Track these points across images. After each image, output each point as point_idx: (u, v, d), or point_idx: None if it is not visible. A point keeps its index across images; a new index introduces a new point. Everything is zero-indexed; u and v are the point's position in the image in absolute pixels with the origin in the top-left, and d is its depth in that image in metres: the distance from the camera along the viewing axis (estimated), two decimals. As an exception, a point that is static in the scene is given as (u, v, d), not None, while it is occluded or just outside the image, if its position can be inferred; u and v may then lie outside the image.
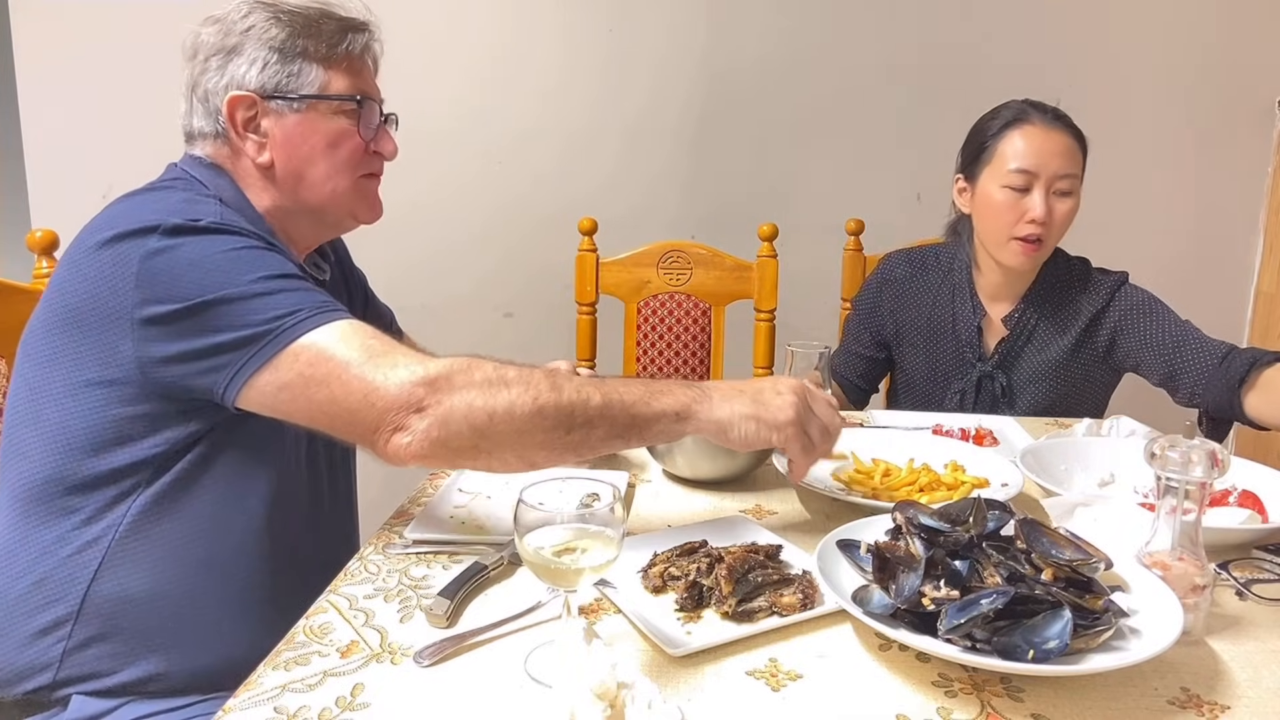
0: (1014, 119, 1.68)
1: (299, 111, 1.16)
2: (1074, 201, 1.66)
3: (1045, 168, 1.63)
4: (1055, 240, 1.69)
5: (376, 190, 1.27)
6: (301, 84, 1.16)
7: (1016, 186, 1.64)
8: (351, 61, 1.20)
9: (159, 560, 1.06)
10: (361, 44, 1.21)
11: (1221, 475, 0.92)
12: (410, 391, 0.93)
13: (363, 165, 1.22)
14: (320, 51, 1.16)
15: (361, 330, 0.99)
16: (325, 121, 1.18)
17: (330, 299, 1.02)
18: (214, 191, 1.13)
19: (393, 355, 0.96)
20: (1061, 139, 1.65)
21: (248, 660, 0.86)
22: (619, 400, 1.00)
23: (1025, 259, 1.67)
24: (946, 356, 1.82)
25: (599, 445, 1.01)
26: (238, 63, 1.14)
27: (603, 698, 0.71)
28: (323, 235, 1.29)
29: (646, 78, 2.69)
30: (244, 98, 1.14)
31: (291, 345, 0.96)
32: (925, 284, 1.85)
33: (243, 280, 0.98)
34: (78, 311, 1.02)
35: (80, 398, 1.03)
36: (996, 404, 1.77)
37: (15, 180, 2.73)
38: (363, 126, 1.20)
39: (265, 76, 1.14)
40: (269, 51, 1.14)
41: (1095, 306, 1.72)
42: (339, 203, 1.22)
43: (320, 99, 1.17)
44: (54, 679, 1.05)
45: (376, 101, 1.24)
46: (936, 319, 1.83)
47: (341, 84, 1.18)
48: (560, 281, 2.40)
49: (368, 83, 1.23)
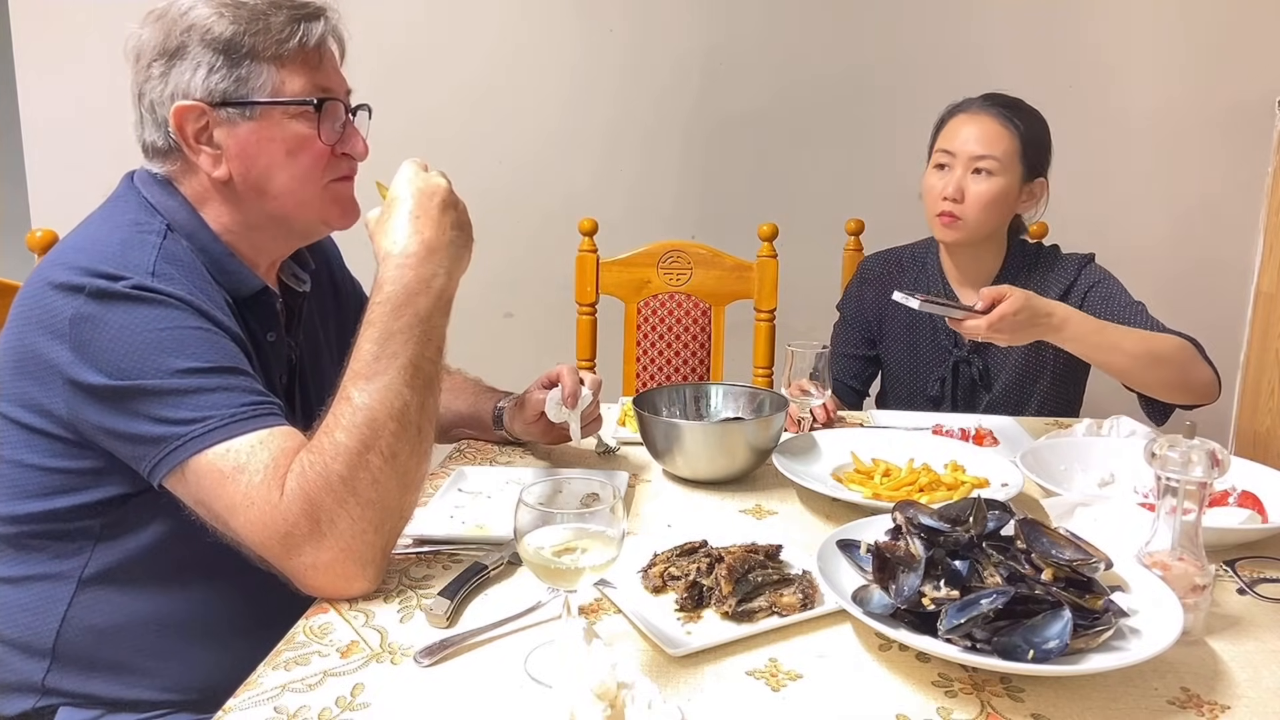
0: (952, 110, 1.79)
1: (252, 119, 1.06)
2: (996, 182, 1.70)
3: (962, 149, 1.72)
4: (977, 219, 1.72)
5: (350, 193, 1.17)
6: (252, 89, 1.05)
7: (939, 166, 1.76)
8: (307, 56, 1.08)
9: (127, 596, 1.05)
10: (317, 35, 1.08)
11: (1221, 475, 0.92)
12: (294, 523, 0.92)
13: (330, 170, 1.12)
14: (270, 50, 1.05)
15: (269, 444, 0.95)
16: (282, 128, 1.07)
17: (250, 399, 0.98)
18: (164, 214, 1.07)
19: (279, 477, 0.94)
20: (986, 123, 1.71)
21: (233, 678, 0.85)
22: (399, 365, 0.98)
23: (944, 232, 1.75)
24: (925, 346, 1.87)
25: (431, 411, 1.01)
26: (181, 68, 1.04)
27: (603, 698, 0.71)
28: (294, 244, 1.21)
29: (647, 78, 2.69)
30: (192, 108, 1.04)
31: (192, 460, 0.94)
32: (902, 280, 1.89)
33: (164, 369, 0.95)
34: (21, 356, 1.00)
35: (32, 444, 1.02)
36: (975, 388, 1.82)
37: (15, 180, 2.73)
38: (324, 130, 1.09)
39: (212, 82, 1.04)
40: (214, 54, 1.04)
41: (1062, 285, 1.76)
42: (307, 212, 1.13)
43: (274, 104, 1.07)
44: (35, 705, 1.05)
45: (339, 98, 1.12)
46: (915, 312, 1.84)
47: (297, 85, 1.07)
48: (560, 282, 2.40)
49: (328, 77, 1.11)
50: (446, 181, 1.09)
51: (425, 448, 1.01)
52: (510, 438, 1.46)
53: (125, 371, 0.95)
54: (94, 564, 1.04)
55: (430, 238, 1.04)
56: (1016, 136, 1.71)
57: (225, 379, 0.98)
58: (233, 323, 1.06)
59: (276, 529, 0.93)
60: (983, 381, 1.80)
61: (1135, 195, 2.69)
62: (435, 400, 1.03)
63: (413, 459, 0.98)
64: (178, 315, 0.99)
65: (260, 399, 0.99)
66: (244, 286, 1.12)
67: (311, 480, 0.93)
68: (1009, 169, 1.70)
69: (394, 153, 1.23)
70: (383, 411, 0.96)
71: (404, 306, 1.00)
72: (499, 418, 1.44)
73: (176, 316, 0.98)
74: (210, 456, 0.94)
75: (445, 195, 1.07)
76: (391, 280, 1.02)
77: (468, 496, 1.26)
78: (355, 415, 0.96)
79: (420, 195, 1.06)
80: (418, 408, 0.99)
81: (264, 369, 1.15)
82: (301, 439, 0.98)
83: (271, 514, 0.92)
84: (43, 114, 2.69)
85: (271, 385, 1.15)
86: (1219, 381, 1.60)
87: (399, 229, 1.04)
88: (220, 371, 0.98)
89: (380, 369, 0.98)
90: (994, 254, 1.81)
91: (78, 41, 2.61)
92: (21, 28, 2.65)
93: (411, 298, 1.01)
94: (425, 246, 1.03)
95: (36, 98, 2.68)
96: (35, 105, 2.68)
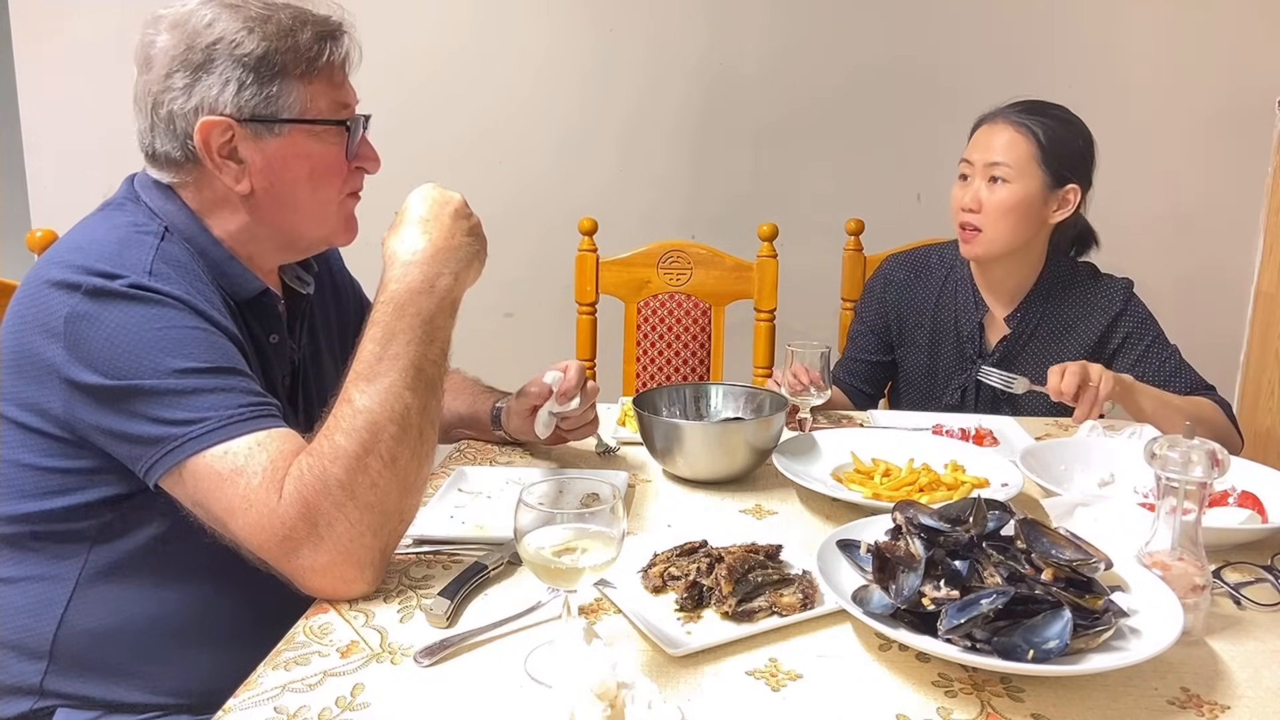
0: (978, 121, 1.77)
1: (279, 136, 1.07)
2: (1011, 189, 1.67)
3: (979, 159, 1.71)
4: (996, 229, 1.69)
5: (354, 210, 1.19)
6: (281, 106, 1.06)
7: (962, 177, 1.74)
8: (332, 74, 1.10)
9: (124, 597, 1.05)
10: (342, 53, 1.11)
11: (1221, 475, 0.92)
12: (292, 526, 0.92)
13: (346, 185, 1.15)
14: (299, 69, 1.06)
15: (267, 446, 0.95)
16: (308, 145, 1.09)
17: (248, 400, 0.97)
18: (163, 217, 1.07)
19: (277, 480, 0.93)
20: (1001, 131, 1.70)
21: (231, 680, 0.85)
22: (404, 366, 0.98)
23: (966, 247, 1.73)
24: (948, 353, 1.83)
25: (433, 414, 1.01)
26: (208, 82, 1.03)
27: (603, 698, 0.71)
28: (294, 257, 1.21)
29: (647, 78, 2.69)
30: (218, 123, 1.04)
31: (189, 461, 0.94)
32: (928, 284, 1.86)
33: (161, 369, 0.95)
34: (17, 355, 1.00)
35: (29, 444, 1.02)
36: (997, 402, 1.78)
37: (15, 180, 2.73)
38: (348, 148, 1.13)
39: (242, 99, 1.04)
40: (243, 70, 1.04)
41: (1109, 315, 1.74)
42: (319, 227, 1.16)
43: (304, 122, 1.08)
44: (33, 707, 1.05)
45: (358, 115, 1.15)
46: (939, 318, 1.84)
47: (324, 103, 1.09)
48: (560, 281, 2.40)
49: (348, 94, 1.14)
50: (461, 197, 1.10)
51: (426, 451, 1.00)
52: (509, 438, 1.46)
53: (122, 371, 0.95)
54: (91, 565, 1.04)
55: (438, 240, 1.04)
56: (1033, 142, 1.67)
57: (223, 379, 0.98)
58: (231, 323, 1.05)
59: (275, 532, 0.93)
60: (1005, 395, 1.75)
61: (1135, 195, 2.69)
62: (438, 403, 1.03)
63: (413, 462, 0.98)
64: (175, 315, 0.98)
65: (258, 400, 0.99)
66: (245, 288, 1.12)
67: (309, 484, 0.93)
68: (1024, 175, 1.67)
69: (394, 153, 1.24)
70: (383, 414, 0.96)
71: (406, 306, 1.00)
72: (497, 417, 1.44)
73: (174, 316, 0.98)
74: (208, 458, 0.94)
75: (459, 206, 1.08)
76: (395, 279, 1.02)
77: (468, 496, 1.26)
78: (356, 418, 0.96)
79: (433, 204, 1.07)
80: (419, 410, 0.98)
81: (266, 371, 1.15)
82: (300, 441, 0.98)
83: (269, 517, 0.92)
84: (43, 114, 2.69)
85: (274, 387, 1.16)
86: (1242, 442, 1.65)
87: (409, 233, 1.05)
88: (218, 372, 0.98)
89: (382, 370, 0.98)
90: (1028, 268, 1.76)
91: (78, 41, 2.61)
92: (21, 28, 2.65)
93: (414, 297, 1.01)
94: (432, 247, 1.04)
95: (36, 98, 2.68)
96: (35, 105, 2.68)
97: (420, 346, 1.00)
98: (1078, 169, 1.71)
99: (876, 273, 1.95)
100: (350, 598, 0.98)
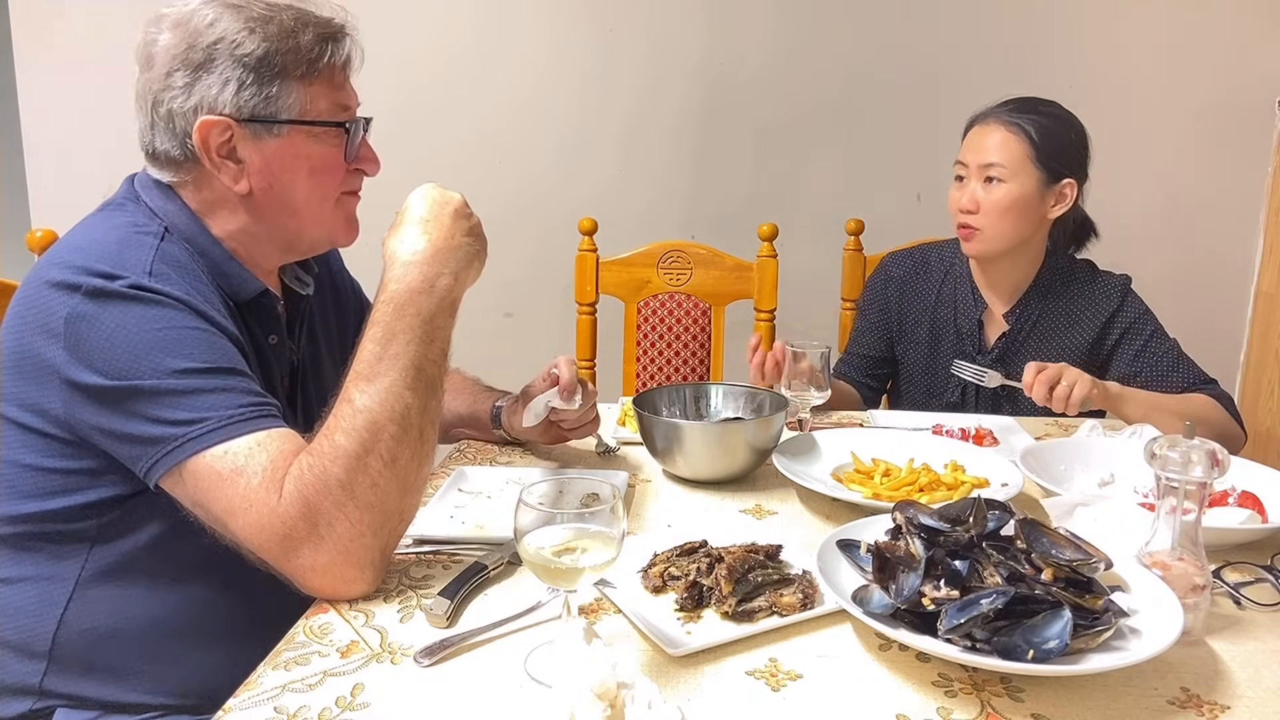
0: (970, 121, 1.77)
1: (279, 137, 1.07)
2: (1007, 189, 1.68)
3: (973, 159, 1.72)
4: (994, 229, 1.70)
5: (355, 210, 1.20)
6: (281, 107, 1.06)
7: (957, 179, 1.76)
8: (332, 76, 1.10)
9: (124, 598, 1.05)
10: (343, 55, 1.11)
11: (1221, 475, 0.92)
12: (292, 526, 0.92)
13: (345, 185, 1.16)
14: (300, 70, 1.06)
15: (267, 446, 0.95)
16: (307, 146, 1.09)
17: (248, 400, 0.97)
18: (163, 217, 1.07)
19: (277, 480, 0.93)
20: (994, 131, 1.70)
21: (231, 681, 0.85)
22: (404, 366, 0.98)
23: (965, 246, 1.75)
24: (948, 350, 1.84)
25: (433, 413, 1.01)
26: (207, 81, 1.04)
27: (603, 698, 0.71)
28: (295, 257, 1.21)
29: (647, 77, 2.69)
30: (218, 122, 1.04)
31: (189, 461, 0.94)
32: (927, 281, 1.87)
33: (161, 369, 0.95)
34: (17, 355, 1.00)
35: (29, 444, 1.02)
36: (998, 399, 1.78)
37: (15, 180, 2.73)
38: (348, 149, 1.13)
39: (242, 99, 1.04)
40: (244, 70, 1.04)
41: (1107, 310, 1.74)
42: (319, 228, 1.16)
43: (303, 124, 1.08)
44: (33, 707, 1.05)
45: (359, 117, 1.15)
46: (939, 314, 1.85)
47: (324, 104, 1.10)
48: (560, 281, 2.40)
49: (349, 96, 1.14)
50: (461, 196, 1.10)
51: (426, 451, 1.00)
52: (508, 437, 1.46)
53: (121, 371, 0.95)
54: (91, 565, 1.04)
55: (438, 240, 1.04)
56: (1025, 140, 1.68)
57: (223, 380, 0.98)
58: (231, 324, 1.05)
59: (275, 531, 0.93)
60: (1004, 391, 1.75)
61: (1135, 195, 2.69)
62: (438, 403, 1.03)
63: (413, 462, 0.98)
64: (175, 315, 0.98)
65: (258, 400, 0.99)
66: (244, 289, 1.12)
67: (309, 484, 0.93)
68: (1020, 173, 1.68)
69: (394, 153, 1.24)
70: (383, 414, 0.96)
71: (406, 306, 1.00)
72: (496, 417, 1.44)
73: (173, 316, 0.98)
74: (208, 458, 0.94)
75: (459, 206, 1.08)
76: (395, 279, 1.02)
77: (468, 496, 1.26)
78: (356, 418, 0.96)
79: (433, 204, 1.07)
80: (419, 410, 0.98)
81: (265, 371, 1.15)
82: (300, 441, 0.98)
83: (269, 517, 0.92)
84: (43, 114, 2.69)
85: (273, 388, 1.15)
86: (1245, 436, 1.65)
87: (409, 233, 1.05)
88: (218, 372, 0.98)
89: (382, 370, 0.98)
90: (1026, 265, 1.77)
91: (78, 42, 2.61)
92: (21, 28, 2.65)
93: (414, 297, 1.01)
94: (432, 247, 1.04)
95: (36, 98, 2.68)
96: (35, 105, 2.68)
97: (420, 346, 1.00)
98: (1072, 163, 1.72)
99: (876, 269, 1.96)
100: (350, 597, 0.98)
